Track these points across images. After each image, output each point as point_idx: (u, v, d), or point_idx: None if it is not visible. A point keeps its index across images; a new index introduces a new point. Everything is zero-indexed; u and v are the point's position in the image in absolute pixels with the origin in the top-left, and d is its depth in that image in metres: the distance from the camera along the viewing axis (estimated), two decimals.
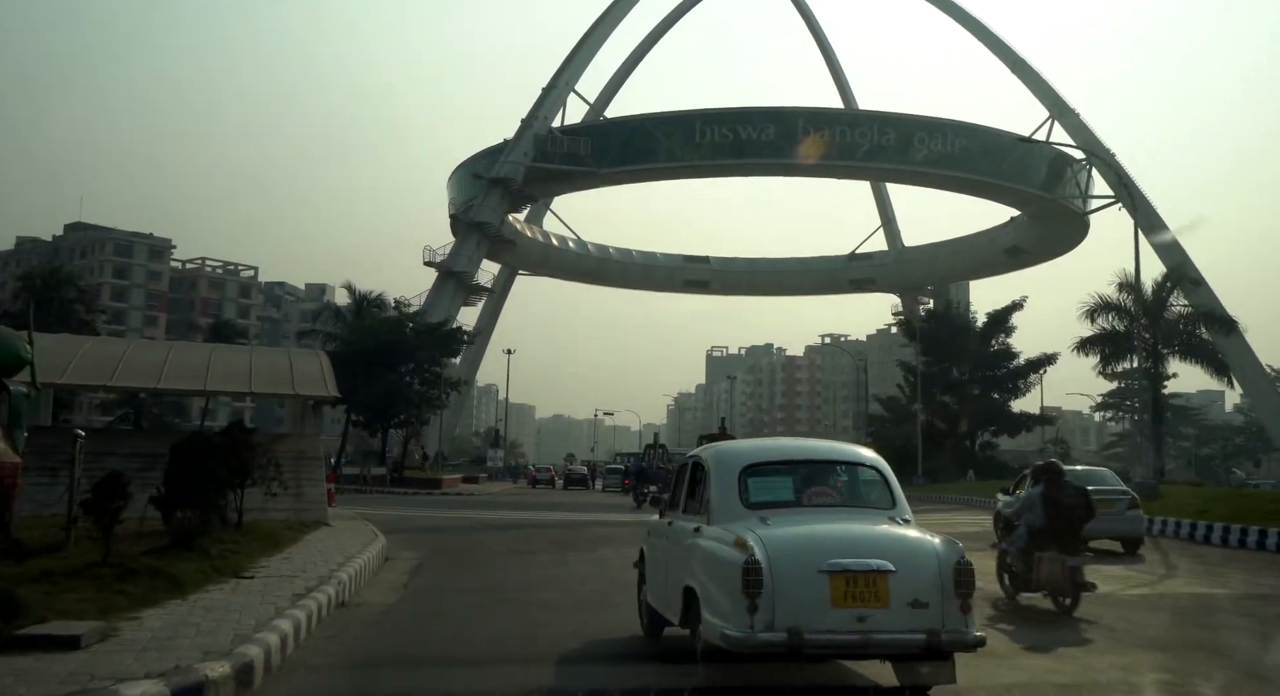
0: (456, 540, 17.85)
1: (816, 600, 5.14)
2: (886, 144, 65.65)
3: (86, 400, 60.70)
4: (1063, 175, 70.41)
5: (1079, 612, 9.25)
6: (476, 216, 64.28)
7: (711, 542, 5.74)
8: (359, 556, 11.32)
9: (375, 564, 12.27)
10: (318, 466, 17.66)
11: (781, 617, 5.08)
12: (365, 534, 15.21)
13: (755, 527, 5.52)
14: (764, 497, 5.98)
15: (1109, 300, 39.57)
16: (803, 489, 6.15)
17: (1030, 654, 7.39)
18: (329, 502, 22.55)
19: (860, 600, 5.14)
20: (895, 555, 5.33)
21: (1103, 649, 7.66)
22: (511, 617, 8.84)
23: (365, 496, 36.03)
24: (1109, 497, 15.68)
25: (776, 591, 5.11)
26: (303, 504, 16.39)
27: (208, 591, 7.91)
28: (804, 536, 5.50)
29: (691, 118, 66.76)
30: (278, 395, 18.17)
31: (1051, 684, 6.38)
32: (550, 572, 12.79)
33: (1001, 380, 49.62)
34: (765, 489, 6.04)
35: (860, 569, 5.20)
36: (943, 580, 5.27)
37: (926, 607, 5.19)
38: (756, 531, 5.45)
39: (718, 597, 5.41)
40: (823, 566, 5.18)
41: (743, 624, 5.12)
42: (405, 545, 16.18)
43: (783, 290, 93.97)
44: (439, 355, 45.63)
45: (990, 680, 6.10)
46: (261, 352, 23.63)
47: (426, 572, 12.45)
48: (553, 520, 23.68)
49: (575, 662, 6.69)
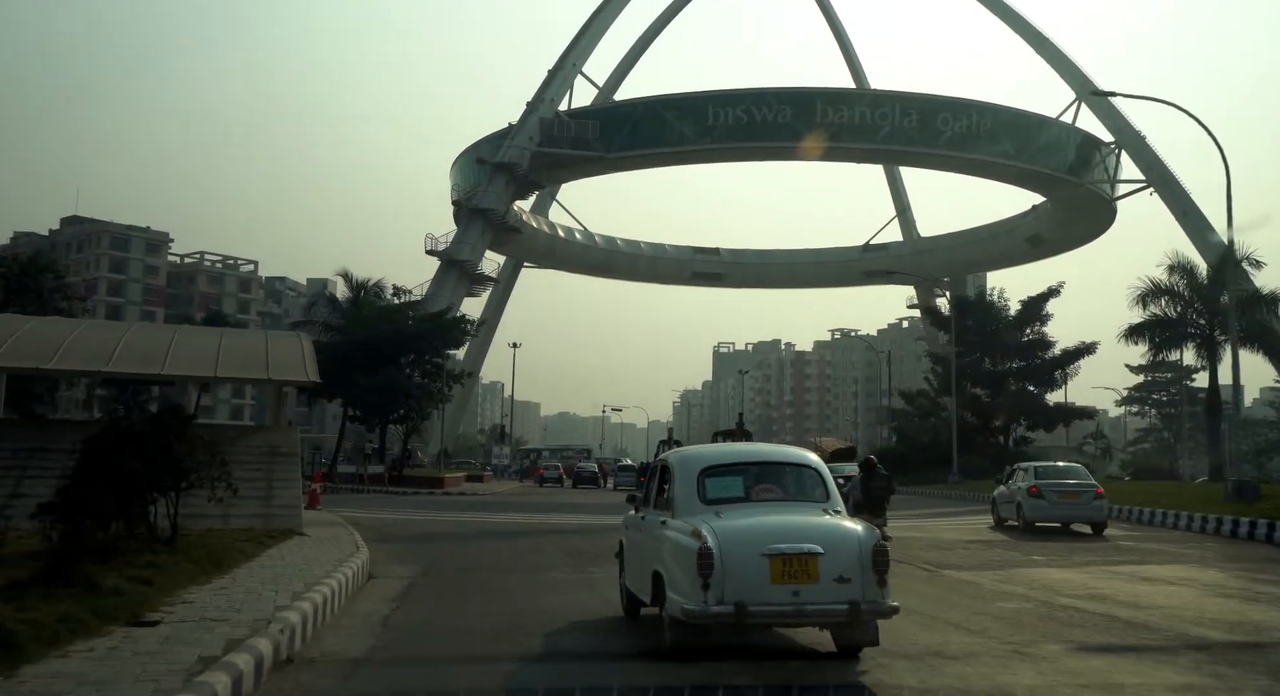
0: (458, 551, 15.15)
1: (758, 578, 6.09)
2: (909, 126, 62.76)
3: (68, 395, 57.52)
4: (1091, 159, 67.53)
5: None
6: (480, 202, 61.55)
7: (674, 533, 6.71)
8: (326, 581, 8.61)
9: (351, 588, 9.59)
10: (292, 464, 14.94)
11: (730, 593, 6.04)
12: (345, 545, 12.51)
13: (710, 520, 6.50)
14: (719, 494, 6.93)
15: (1160, 284, 36.78)
16: (752, 486, 7.11)
17: None
18: (313, 505, 19.88)
19: (795, 578, 6.11)
20: (824, 540, 6.27)
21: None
22: (536, 676, 6.21)
23: (361, 497, 33.39)
24: (1078, 489, 19.10)
25: (725, 572, 6.06)
26: (272, 509, 13.73)
27: (63, 656, 5.15)
28: (749, 526, 6.43)
29: (703, 99, 63.90)
30: (247, 379, 15.44)
31: None
32: (575, 598, 10.08)
33: (1037, 371, 46.67)
34: (720, 487, 7.00)
35: (794, 552, 6.14)
36: (862, 560, 6.22)
37: (850, 582, 6.15)
38: (710, 523, 6.43)
39: (678, 578, 6.38)
40: (763, 551, 6.14)
41: (698, 599, 6.09)
42: (396, 557, 13.48)
43: (795, 283, 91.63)
44: (441, 346, 42.83)
45: None
46: (235, 334, 21.03)
47: (417, 600, 9.75)
48: (567, 524, 20.99)
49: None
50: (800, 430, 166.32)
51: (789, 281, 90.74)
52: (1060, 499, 18.96)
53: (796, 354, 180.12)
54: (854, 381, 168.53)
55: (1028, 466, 21.30)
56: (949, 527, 20.46)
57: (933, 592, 10.19)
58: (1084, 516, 18.83)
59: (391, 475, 38.45)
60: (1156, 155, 66.20)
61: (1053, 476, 19.89)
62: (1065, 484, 19.39)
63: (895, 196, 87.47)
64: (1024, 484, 19.69)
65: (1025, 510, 19.26)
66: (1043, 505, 18.98)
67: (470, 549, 15.43)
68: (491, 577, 11.65)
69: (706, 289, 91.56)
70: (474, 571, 12.49)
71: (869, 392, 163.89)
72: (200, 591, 7.67)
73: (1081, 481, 19.75)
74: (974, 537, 17.38)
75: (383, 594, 10.00)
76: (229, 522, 13.18)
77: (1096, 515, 18.79)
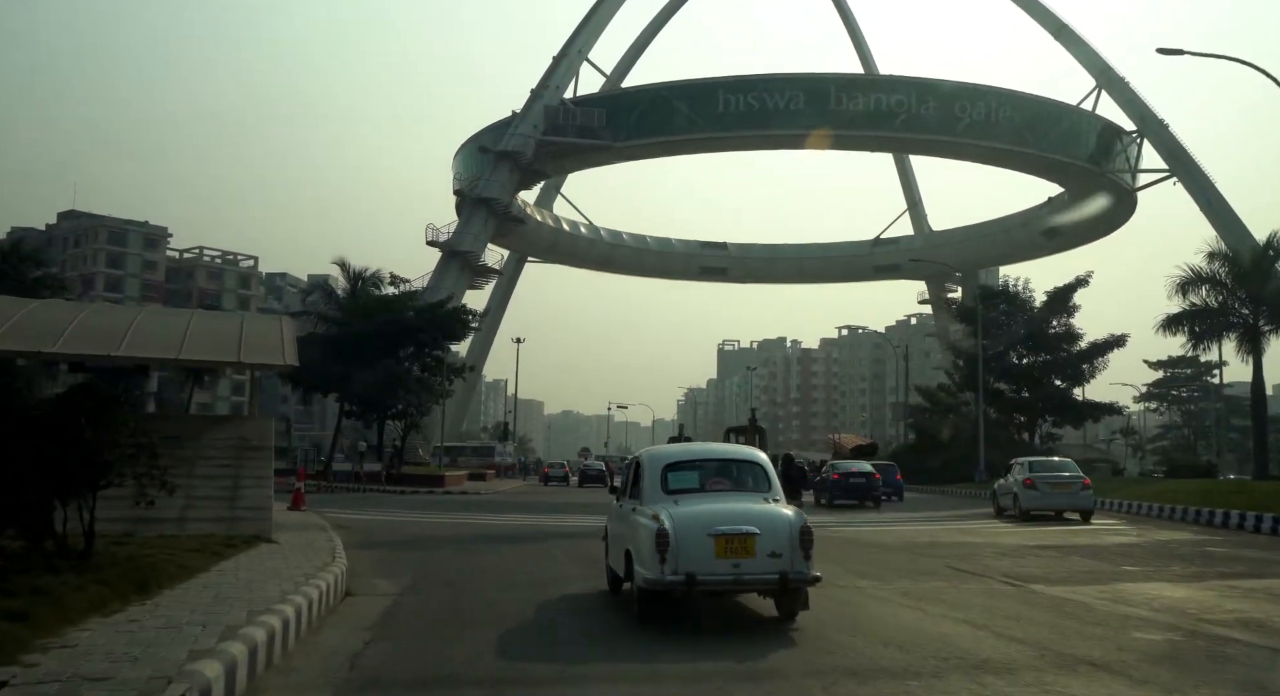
0: (456, 558, 13.20)
1: (705, 554, 7.32)
2: (925, 113, 60.71)
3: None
4: (1112, 148, 65.47)
5: None
6: (483, 192, 59.59)
7: (641, 518, 7.93)
8: (280, 607, 6.64)
9: (319, 611, 7.64)
10: (264, 460, 12.96)
11: (682, 566, 7.26)
12: (320, 554, 10.55)
13: (668, 507, 7.78)
14: (678, 486, 8.24)
15: (1201, 271, 34.75)
16: (706, 479, 8.44)
17: None
18: (297, 505, 17.97)
19: (735, 553, 7.36)
20: (760, 523, 7.54)
21: None
22: None
23: (356, 496, 31.50)
24: (1068, 481, 21.31)
25: (679, 549, 7.29)
26: (238, 511, 11.79)
27: None
28: (699, 512, 7.67)
29: (714, 86, 61.86)
30: (215, 363, 13.54)
31: None
32: (598, 621, 8.15)
33: (1064, 365, 44.54)
34: (679, 480, 8.32)
35: (735, 532, 7.42)
36: (792, 539, 7.51)
37: (780, 556, 7.41)
38: (668, 509, 7.71)
39: (643, 554, 7.57)
40: (710, 531, 7.40)
41: (656, 571, 7.31)
42: (382, 568, 11.54)
43: (803, 278, 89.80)
44: (441, 337, 40.83)
45: None
46: (209, 316, 19.16)
47: (399, 628, 7.79)
48: (579, 527, 19.05)
49: None
50: (807, 428, 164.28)
51: (797, 276, 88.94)
52: (1053, 489, 21.28)
53: (803, 351, 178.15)
54: (861, 379, 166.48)
55: (1023, 461, 23.28)
56: (1001, 530, 18.49)
57: (1039, 617, 8.21)
58: (1074, 504, 21.19)
59: (389, 473, 36.50)
60: (1179, 143, 64.15)
61: (1045, 470, 22.10)
62: (1057, 476, 21.69)
63: (906, 190, 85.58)
64: (1020, 477, 21.86)
65: (1021, 500, 21.45)
66: (1036, 495, 21.21)
67: (469, 557, 13.46)
68: (494, 593, 9.68)
69: (712, 285, 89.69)
70: (473, 585, 10.53)
71: (876, 390, 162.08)
72: (100, 627, 5.70)
73: (1071, 474, 21.88)
74: (1038, 542, 15.40)
75: (358, 618, 8.05)
76: (185, 529, 11.26)
77: (1085, 503, 21.08)
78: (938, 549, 14.42)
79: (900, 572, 11.32)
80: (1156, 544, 15.55)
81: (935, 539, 16.18)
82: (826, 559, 12.75)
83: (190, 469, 12.33)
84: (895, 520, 22.40)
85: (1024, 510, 21.26)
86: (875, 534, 17.65)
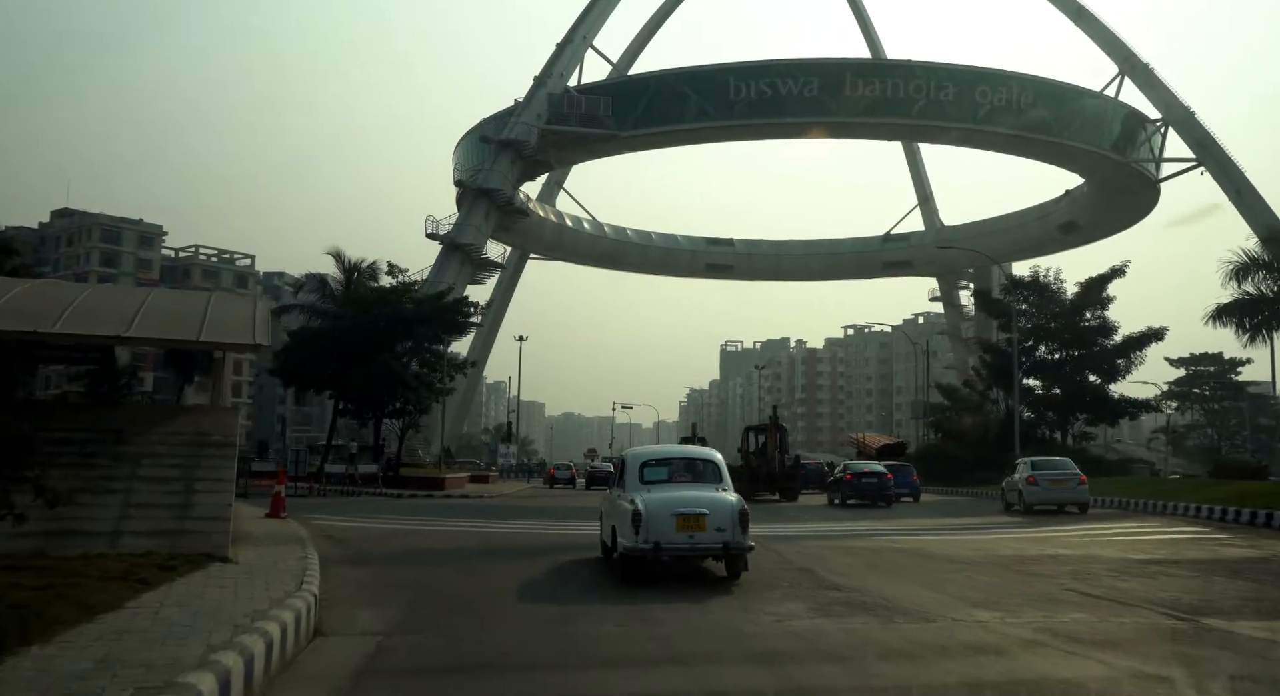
0: (456, 580, 10.88)
1: (668, 528, 9.75)
2: (944, 99, 58.33)
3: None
4: (1136, 136, 63.11)
5: None
6: (485, 182, 57.23)
7: (622, 502, 10.35)
8: (190, 679, 4.30)
9: (269, 668, 5.34)
10: (226, 459, 10.58)
11: (650, 537, 9.68)
12: (285, 580, 8.22)
13: (643, 494, 10.22)
14: (652, 478, 10.80)
15: (1257, 257, 32.41)
16: (673, 473, 11.04)
17: None
18: (276, 512, 15.61)
19: (690, 528, 9.82)
20: (710, 506, 9.99)
21: None
22: None
23: (349, 500, 29.18)
24: (1066, 477, 23.59)
25: (649, 525, 9.70)
26: (188, 523, 9.46)
27: None
28: (665, 497, 10.10)
29: (724, 72, 59.45)
30: (169, 341, 11.23)
31: None
32: (661, 687, 5.85)
33: (1099, 359, 42.15)
34: (653, 473, 10.89)
35: (691, 512, 9.86)
36: (733, 518, 9.89)
37: (724, 531, 9.83)
38: (642, 496, 10.12)
39: (624, 529, 9.98)
40: (672, 512, 9.82)
41: (632, 540, 9.74)
42: (366, 593, 9.24)
43: (811, 275, 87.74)
44: (442, 331, 38.43)
45: None
46: (171, 294, 16.89)
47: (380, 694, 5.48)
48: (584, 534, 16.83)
49: None
50: (812, 429, 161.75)
51: (804, 274, 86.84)
52: (1052, 485, 23.73)
53: (808, 351, 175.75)
54: (868, 379, 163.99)
55: (1026, 461, 25.84)
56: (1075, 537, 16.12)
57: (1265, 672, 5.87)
58: (1071, 498, 23.47)
59: (386, 475, 34.14)
60: (1207, 130, 61.81)
61: (1046, 468, 24.59)
62: (1056, 473, 24.13)
63: (917, 184, 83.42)
64: (1023, 475, 24.50)
65: (1025, 495, 23.91)
66: (1038, 491, 23.68)
67: (475, 578, 11.10)
68: (511, 637, 7.35)
69: (714, 285, 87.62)
70: (483, 617, 8.20)
71: (883, 391, 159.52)
72: None
73: (1068, 471, 24.16)
74: (1143, 555, 13.05)
75: (325, 677, 5.74)
76: (118, 545, 8.96)
77: (1081, 497, 23.50)
78: (1030, 564, 12.10)
79: (1018, 599, 9.00)
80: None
81: (1019, 550, 13.82)
82: (908, 579, 10.56)
83: (134, 468, 10.02)
84: (959, 527, 20.05)
85: (1028, 504, 23.72)
86: (940, 545, 15.32)
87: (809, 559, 12.50)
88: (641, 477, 10.69)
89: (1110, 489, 28.41)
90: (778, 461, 31.96)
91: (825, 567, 11.51)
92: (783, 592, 9.43)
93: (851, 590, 9.55)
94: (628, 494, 10.39)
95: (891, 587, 9.79)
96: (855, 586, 9.83)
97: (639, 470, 10.81)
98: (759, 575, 10.40)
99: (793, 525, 20.24)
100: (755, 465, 32.90)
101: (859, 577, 10.67)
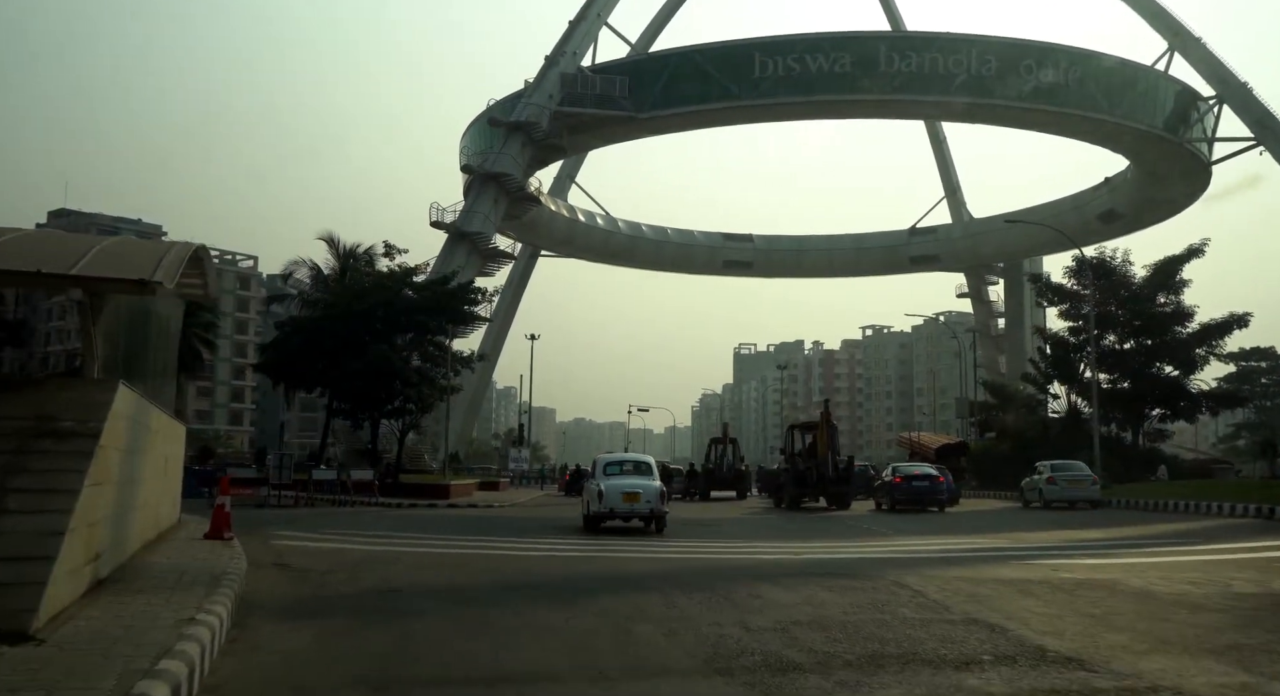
0: (456, 644, 6.77)
1: (619, 501, 17.28)
2: (987, 74, 54.26)
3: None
4: (1189, 115, 58.84)
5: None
6: (494, 166, 53.39)
7: (593, 485, 18.00)
8: None
9: None
10: (73, 457, 6.51)
11: (606, 506, 17.26)
12: (104, 681, 4.21)
13: (605, 481, 17.79)
14: (611, 472, 18.39)
15: None
16: (625, 470, 18.67)
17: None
18: (218, 531, 11.72)
19: (632, 501, 17.32)
20: (644, 489, 17.43)
21: None
22: None
23: (340, 511, 25.28)
24: (1082, 478, 27.74)
25: (606, 498, 17.24)
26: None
27: None
28: (618, 483, 17.64)
29: (749, 48, 55.49)
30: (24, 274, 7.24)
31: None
32: None
33: (1175, 349, 37.95)
34: (611, 469, 18.62)
35: (632, 491, 17.36)
36: (657, 496, 17.38)
37: (652, 502, 17.29)
38: (604, 483, 17.69)
39: (592, 501, 17.66)
40: (622, 491, 17.34)
41: (597, 507, 17.36)
42: (306, 676, 5.21)
43: (834, 271, 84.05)
44: (446, 321, 34.47)
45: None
46: (68, 236, 13.10)
47: None
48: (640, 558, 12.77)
49: None
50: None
51: (827, 270, 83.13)
52: (1069, 485, 27.28)
53: (825, 353, 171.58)
54: (887, 381, 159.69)
55: (1046, 464, 28.66)
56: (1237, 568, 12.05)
57: None
58: (1086, 496, 26.82)
59: (384, 482, 30.19)
60: (1266, 108, 57.51)
61: (1063, 470, 27.92)
62: (1073, 475, 27.63)
63: (944, 176, 79.43)
64: (1043, 476, 27.96)
65: (1045, 493, 27.45)
66: (1057, 489, 27.24)
67: (480, 640, 6.97)
68: None
69: (728, 286, 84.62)
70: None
71: (903, 392, 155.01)
72: None
73: (1083, 473, 27.80)
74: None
75: None
76: None
77: (1093, 496, 26.94)
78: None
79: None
80: None
81: (1229, 586, 9.77)
82: (1187, 645, 6.31)
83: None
84: (1086, 542, 15.92)
85: (1047, 501, 27.17)
86: (1123, 571, 11.21)
87: (969, 601, 8.45)
88: (605, 472, 18.39)
89: (1220, 493, 24.81)
90: (830, 464, 27.85)
91: (1013, 618, 7.44)
92: (982, 678, 5.39)
93: (1120, 675, 5.49)
94: (595, 481, 18.04)
95: (1188, 668, 5.72)
96: (1122, 671, 5.75)
97: (604, 467, 18.72)
98: (910, 630, 6.35)
99: (877, 542, 16.27)
100: (804, 468, 28.85)
101: (1095, 644, 6.57)
